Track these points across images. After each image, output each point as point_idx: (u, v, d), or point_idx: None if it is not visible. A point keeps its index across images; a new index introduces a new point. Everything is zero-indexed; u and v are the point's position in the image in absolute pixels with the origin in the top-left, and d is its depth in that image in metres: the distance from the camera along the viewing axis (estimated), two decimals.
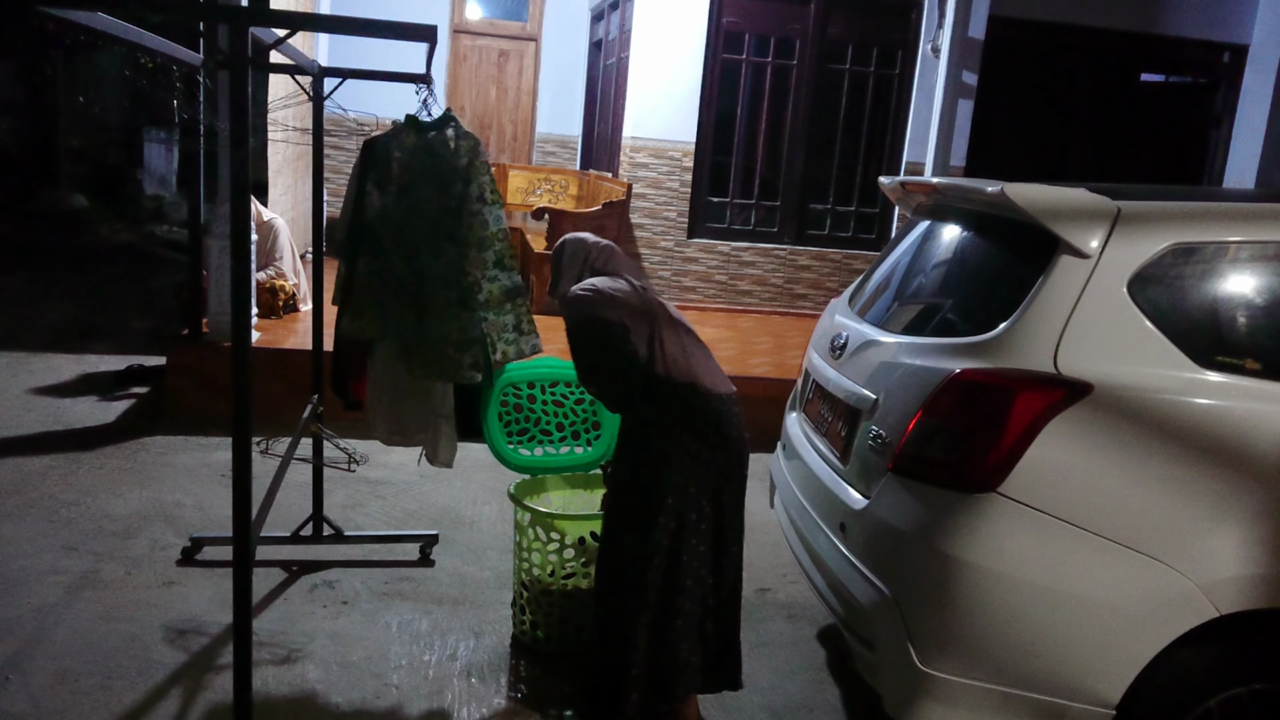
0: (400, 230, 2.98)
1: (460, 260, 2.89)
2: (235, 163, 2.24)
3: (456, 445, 3.29)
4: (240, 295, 2.31)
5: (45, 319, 7.40)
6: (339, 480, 4.32)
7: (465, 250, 2.88)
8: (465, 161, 2.92)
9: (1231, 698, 2.15)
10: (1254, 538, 2.11)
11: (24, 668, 2.88)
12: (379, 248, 3.03)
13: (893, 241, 3.29)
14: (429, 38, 2.42)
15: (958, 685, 2.21)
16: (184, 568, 3.58)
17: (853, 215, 8.17)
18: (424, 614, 3.38)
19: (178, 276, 7.45)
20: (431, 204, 2.94)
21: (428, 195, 2.95)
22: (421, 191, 2.96)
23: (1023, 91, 8.20)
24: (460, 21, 10.05)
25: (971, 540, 2.18)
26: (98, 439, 4.89)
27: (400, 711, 2.83)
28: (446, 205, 2.92)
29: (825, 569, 2.64)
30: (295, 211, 7.72)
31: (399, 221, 2.97)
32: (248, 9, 3.48)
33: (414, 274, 2.98)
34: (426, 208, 2.96)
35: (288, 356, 5.22)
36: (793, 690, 3.09)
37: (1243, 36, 8.09)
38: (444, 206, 2.92)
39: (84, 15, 2.46)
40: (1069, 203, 2.34)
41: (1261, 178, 7.86)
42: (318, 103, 3.60)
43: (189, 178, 5.99)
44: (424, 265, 2.98)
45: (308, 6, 8.08)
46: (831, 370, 2.93)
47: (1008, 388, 2.20)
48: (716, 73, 7.74)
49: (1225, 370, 2.20)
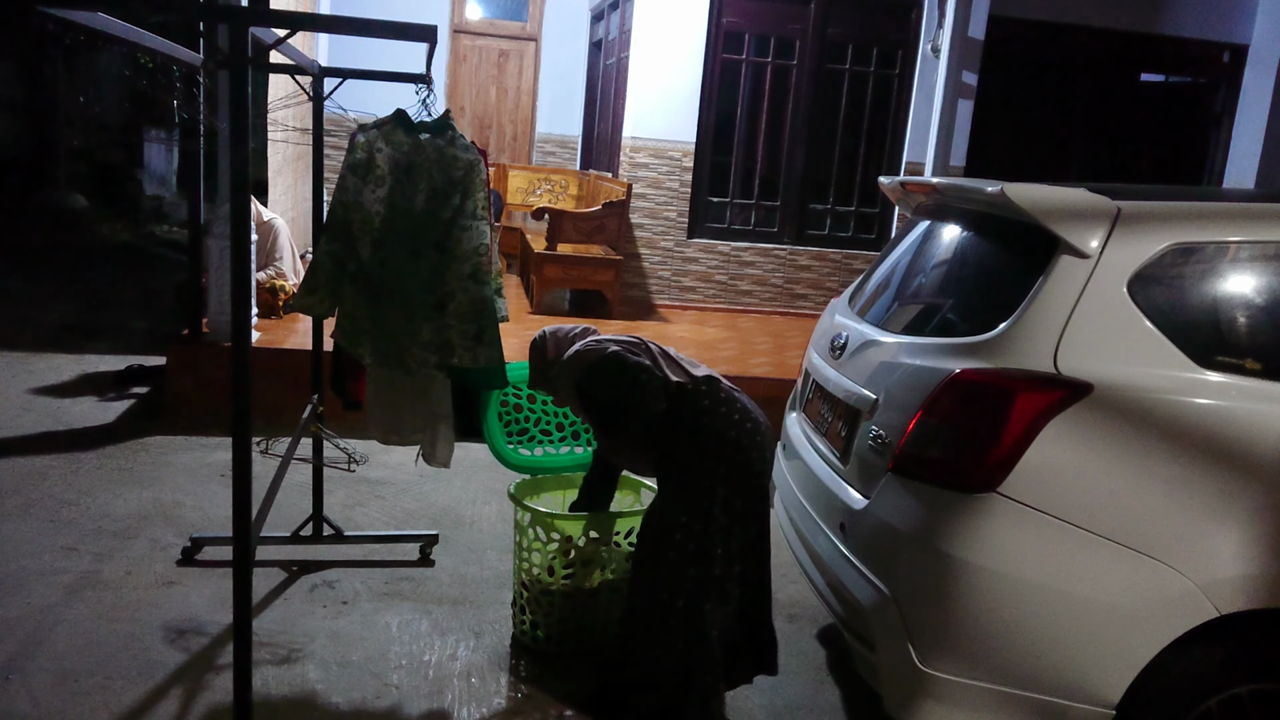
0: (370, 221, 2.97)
1: (442, 268, 2.92)
2: (235, 163, 2.24)
3: (454, 445, 3.29)
4: (240, 295, 2.31)
5: (45, 319, 7.40)
6: (339, 480, 4.32)
7: (449, 261, 2.91)
8: (462, 174, 2.93)
9: (1231, 698, 2.15)
10: (1254, 538, 2.11)
11: (24, 668, 2.87)
12: (344, 232, 3.02)
13: (893, 241, 3.29)
14: (429, 38, 2.42)
15: (957, 685, 2.21)
16: (184, 568, 3.58)
17: (853, 215, 8.17)
18: (424, 614, 3.38)
19: (178, 276, 7.45)
20: (416, 206, 2.94)
21: (412, 196, 2.95)
22: (405, 191, 2.96)
23: (1023, 91, 8.20)
24: (460, 21, 10.05)
25: (971, 540, 2.18)
26: (98, 439, 4.89)
27: (400, 711, 2.83)
28: (438, 213, 2.93)
29: (825, 569, 2.64)
30: (295, 211, 7.73)
31: (372, 212, 2.97)
32: (248, 9, 3.48)
33: (378, 264, 2.99)
34: (409, 208, 2.96)
35: (288, 356, 5.22)
36: (793, 690, 3.09)
37: (1243, 36, 8.09)
38: (434, 214, 2.93)
39: (84, 15, 2.46)
40: (1069, 203, 2.34)
41: (1261, 178, 7.86)
42: (318, 103, 3.61)
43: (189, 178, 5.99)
44: (396, 262, 2.98)
45: (308, 6, 8.08)
46: (831, 370, 2.93)
47: (1007, 388, 2.20)
48: (716, 73, 7.74)
49: (1225, 370, 2.20)
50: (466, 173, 2.93)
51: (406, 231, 2.96)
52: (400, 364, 3.03)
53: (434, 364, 2.98)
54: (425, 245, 2.94)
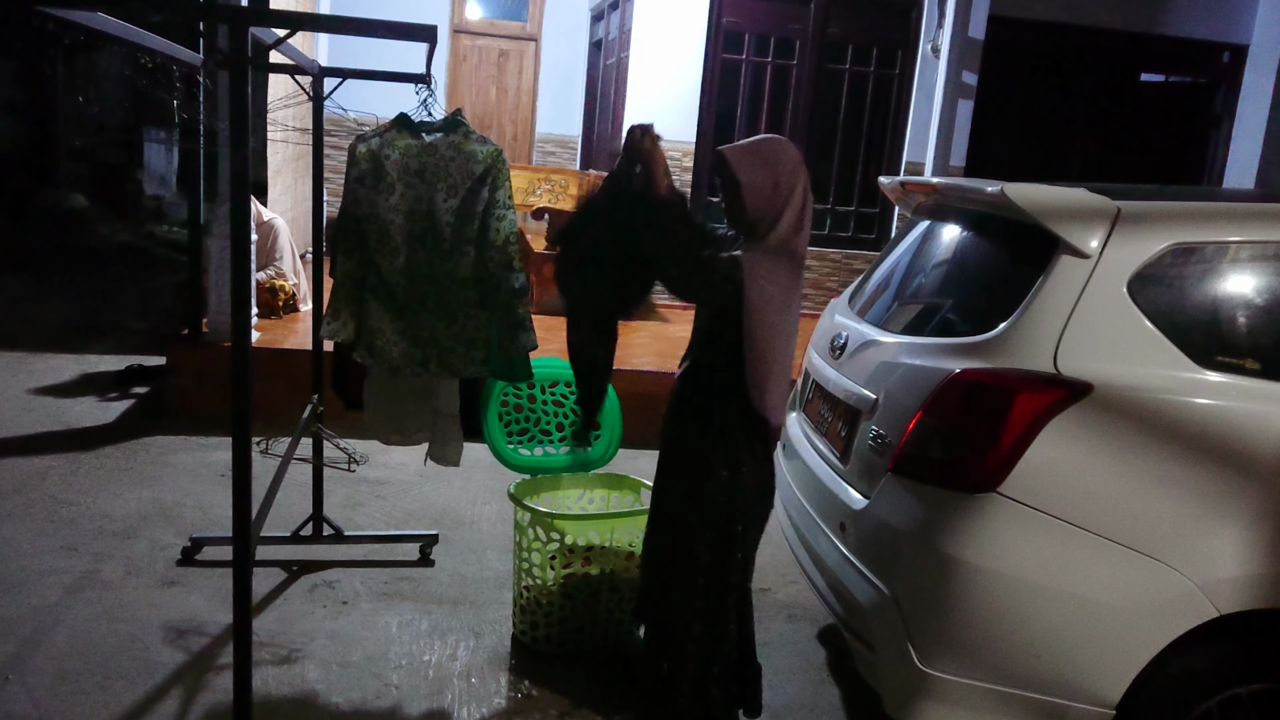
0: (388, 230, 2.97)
1: (484, 261, 2.93)
2: (235, 163, 2.24)
3: (463, 444, 3.29)
4: (240, 295, 2.31)
5: (45, 319, 7.40)
6: (339, 480, 4.32)
7: (488, 252, 2.92)
8: (485, 167, 2.94)
9: (1231, 698, 2.15)
10: (1254, 538, 2.11)
11: (24, 668, 2.87)
12: (358, 247, 3.02)
13: (893, 241, 3.29)
14: (429, 38, 2.42)
15: (957, 685, 2.21)
16: (184, 568, 3.57)
17: (853, 215, 8.17)
18: (424, 614, 3.38)
19: (178, 276, 7.45)
20: (436, 207, 2.95)
21: (429, 198, 2.95)
22: (420, 194, 2.96)
23: (1023, 91, 8.20)
24: (460, 21, 10.05)
25: (971, 540, 2.18)
26: (98, 439, 4.89)
27: (400, 711, 2.83)
28: (470, 210, 2.93)
29: (825, 569, 2.64)
30: (295, 211, 7.73)
31: (389, 221, 2.96)
32: (248, 9, 3.48)
33: (403, 273, 2.99)
34: (428, 210, 2.96)
35: (288, 356, 5.22)
36: (793, 690, 3.09)
37: (1243, 36, 8.09)
38: (466, 211, 2.94)
39: (84, 15, 2.46)
40: (1069, 203, 2.34)
41: (1261, 178, 7.86)
42: (317, 103, 3.60)
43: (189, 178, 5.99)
44: (426, 266, 2.98)
45: (308, 6, 8.08)
46: (831, 370, 2.93)
47: (1008, 388, 2.20)
48: (716, 73, 7.74)
49: (1225, 370, 2.20)
50: (490, 165, 2.95)
51: (430, 235, 2.97)
52: (444, 367, 3.03)
53: (480, 360, 2.99)
54: (461, 243, 2.95)
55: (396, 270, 2.98)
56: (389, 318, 3.02)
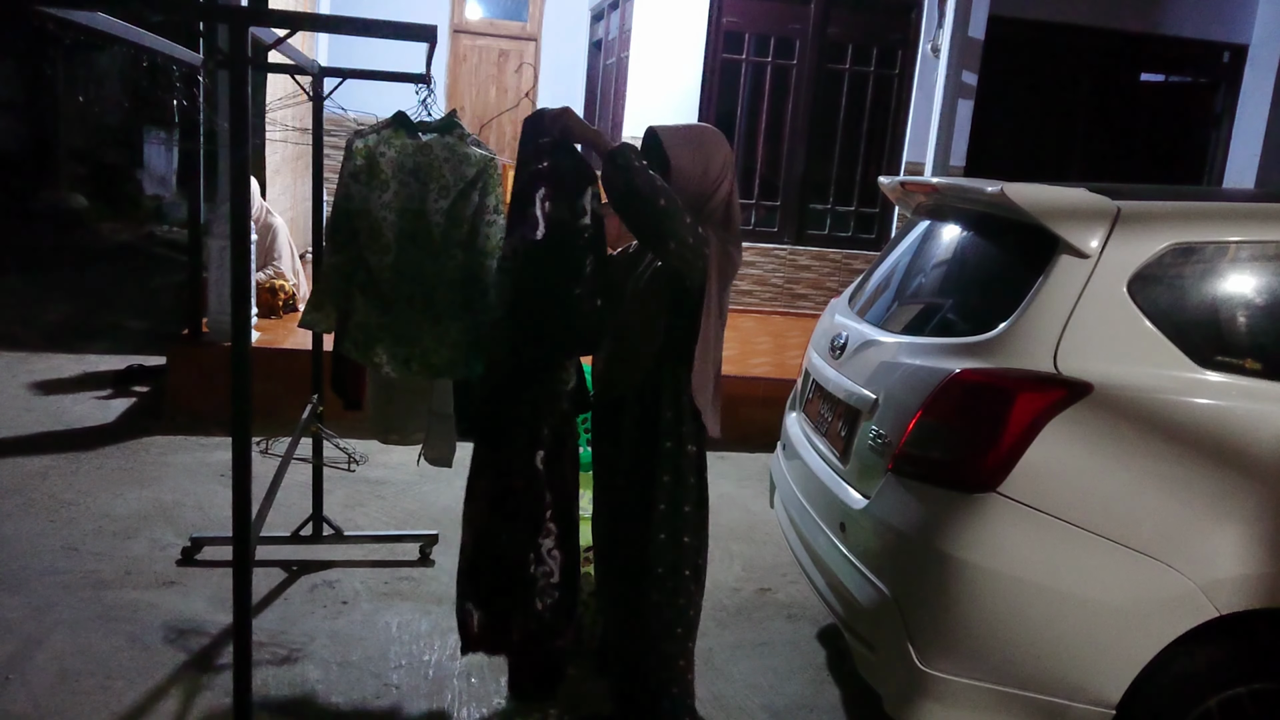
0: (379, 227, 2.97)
1: (473, 266, 2.92)
2: (235, 163, 2.24)
3: (456, 444, 3.28)
4: (240, 295, 2.31)
5: (46, 318, 7.40)
6: (339, 480, 4.32)
7: (478, 257, 2.91)
8: (477, 171, 2.93)
9: (1231, 698, 2.15)
10: (1254, 538, 2.11)
11: (24, 668, 2.87)
12: (349, 242, 3.01)
13: (893, 241, 3.29)
14: (429, 38, 2.42)
15: (957, 685, 2.21)
16: (184, 568, 3.58)
17: (853, 215, 8.17)
18: (424, 614, 3.38)
19: (178, 276, 7.45)
20: (427, 207, 2.94)
21: (421, 198, 2.95)
22: (412, 194, 2.96)
23: (1023, 91, 8.20)
24: (460, 21, 10.05)
25: (971, 540, 2.18)
26: (98, 439, 4.89)
27: (400, 711, 2.83)
28: (460, 212, 2.92)
29: (825, 569, 2.64)
30: (294, 211, 7.73)
31: (380, 218, 2.96)
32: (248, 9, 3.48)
33: (392, 270, 2.98)
34: (419, 210, 2.95)
35: (288, 356, 5.22)
36: (793, 690, 3.09)
37: (1243, 36, 8.09)
38: (456, 213, 2.93)
39: (84, 15, 2.46)
40: (1069, 203, 2.34)
41: (1261, 178, 7.86)
42: (317, 103, 3.61)
43: (189, 178, 5.99)
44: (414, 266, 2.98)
45: (308, 6, 8.08)
46: (831, 370, 2.93)
47: (1007, 388, 2.20)
48: (716, 72, 7.74)
49: (1225, 370, 2.20)
50: (482, 169, 2.94)
51: (421, 234, 2.96)
52: (425, 367, 3.01)
53: (464, 363, 2.96)
54: (450, 245, 2.94)
55: (386, 267, 2.98)
56: (375, 314, 3.02)
